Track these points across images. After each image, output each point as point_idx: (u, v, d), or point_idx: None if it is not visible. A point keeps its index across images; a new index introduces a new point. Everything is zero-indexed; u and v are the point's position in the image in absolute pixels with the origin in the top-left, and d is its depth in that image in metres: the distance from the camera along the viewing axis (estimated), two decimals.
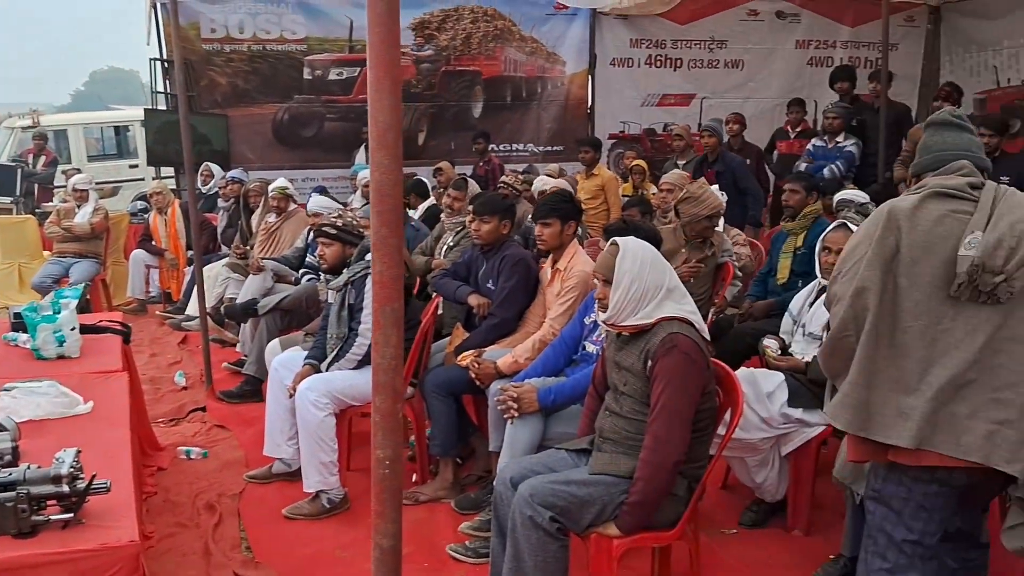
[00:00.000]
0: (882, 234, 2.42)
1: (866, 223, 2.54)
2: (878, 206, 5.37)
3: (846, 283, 2.48)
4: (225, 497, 4.36)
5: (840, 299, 2.49)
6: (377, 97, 1.46)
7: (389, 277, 1.48)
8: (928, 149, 2.61)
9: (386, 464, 1.55)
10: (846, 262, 2.52)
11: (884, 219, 2.44)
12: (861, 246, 2.48)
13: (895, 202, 2.50)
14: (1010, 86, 9.97)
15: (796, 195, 5.34)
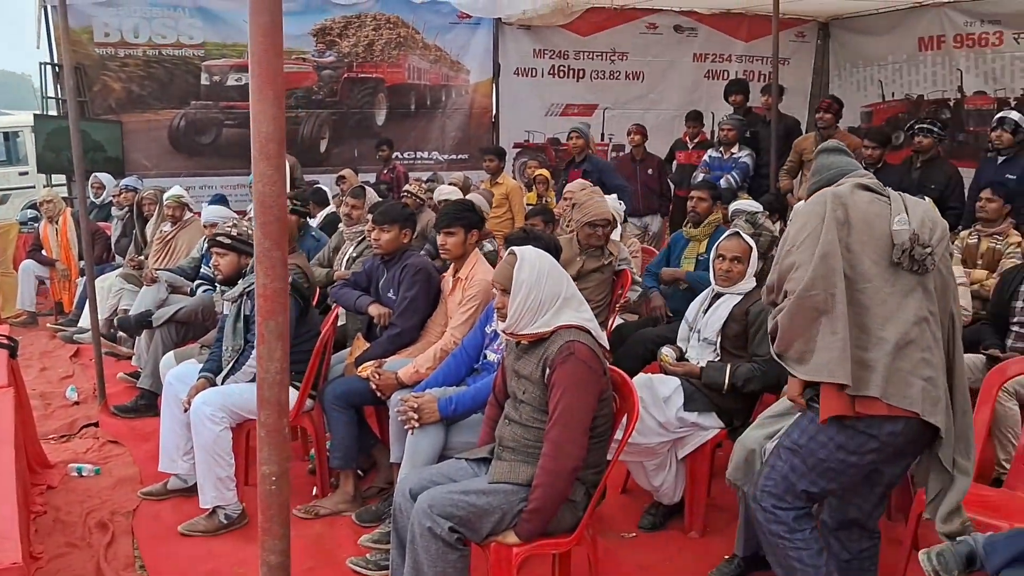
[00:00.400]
0: (832, 207, 2.70)
1: (809, 206, 2.79)
2: (771, 214, 5.54)
3: (804, 251, 2.70)
4: (118, 515, 4.23)
5: (801, 264, 2.69)
6: (260, 107, 1.45)
7: (273, 290, 1.46)
8: (827, 168, 2.92)
9: (272, 480, 1.53)
10: (799, 236, 2.73)
11: (830, 198, 2.73)
12: (811, 221, 2.72)
13: (831, 188, 2.79)
14: (894, 99, 10.44)
15: (704, 203, 5.51)
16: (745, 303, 3.99)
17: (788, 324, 2.73)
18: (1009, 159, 6.21)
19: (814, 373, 2.68)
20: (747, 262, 4.04)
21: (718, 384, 3.88)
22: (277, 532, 1.56)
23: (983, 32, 9.30)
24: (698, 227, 5.48)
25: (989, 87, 9.38)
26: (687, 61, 11.27)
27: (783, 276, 2.77)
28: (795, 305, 2.69)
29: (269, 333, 1.47)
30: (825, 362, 2.65)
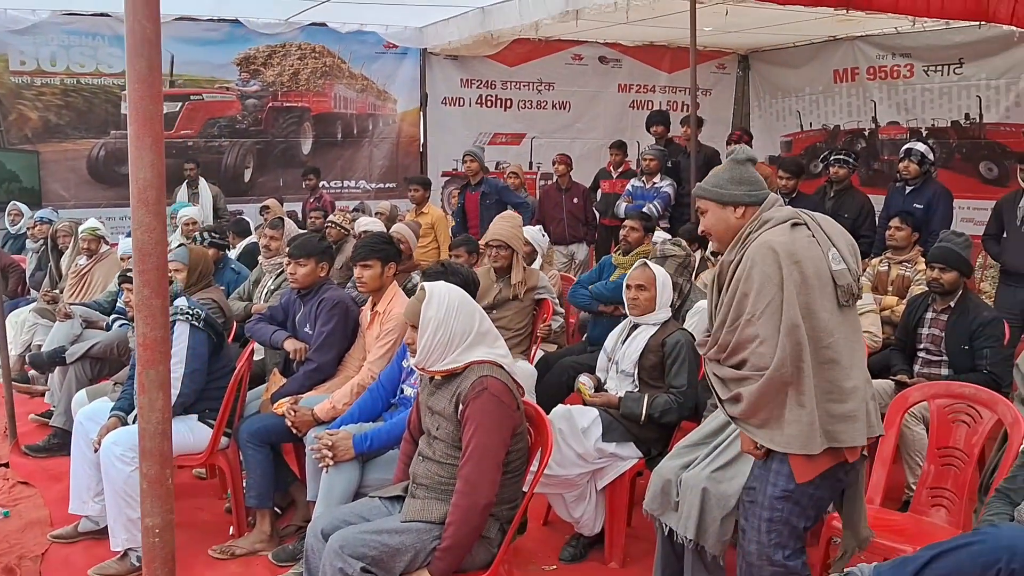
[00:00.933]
0: (788, 270, 2.65)
1: (762, 267, 2.68)
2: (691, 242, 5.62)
3: (767, 324, 2.66)
4: (26, 559, 4.08)
5: (766, 339, 2.66)
6: (138, 154, 1.43)
7: (153, 339, 1.44)
8: (756, 183, 2.87)
9: (156, 532, 1.50)
10: (758, 304, 2.67)
11: (783, 257, 2.66)
12: (768, 289, 2.66)
13: (772, 239, 2.71)
14: (812, 129, 10.76)
15: (636, 232, 5.60)
16: (661, 334, 4.05)
17: (755, 399, 2.72)
18: (916, 188, 6.43)
19: (784, 446, 2.70)
20: (652, 289, 4.09)
21: (635, 415, 3.93)
22: None
23: (895, 64, 9.66)
24: (627, 255, 5.55)
25: (902, 117, 9.73)
26: (612, 92, 11.46)
27: (740, 344, 2.74)
28: (765, 384, 2.67)
29: (150, 383, 1.45)
30: (796, 434, 2.66)
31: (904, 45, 9.48)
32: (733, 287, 2.77)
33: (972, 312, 4.54)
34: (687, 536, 3.38)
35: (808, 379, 2.64)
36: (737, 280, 2.75)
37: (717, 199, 2.87)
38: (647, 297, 4.10)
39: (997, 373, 4.37)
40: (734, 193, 2.85)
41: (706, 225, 2.94)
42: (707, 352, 2.91)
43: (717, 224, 2.90)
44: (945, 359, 4.59)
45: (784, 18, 8.42)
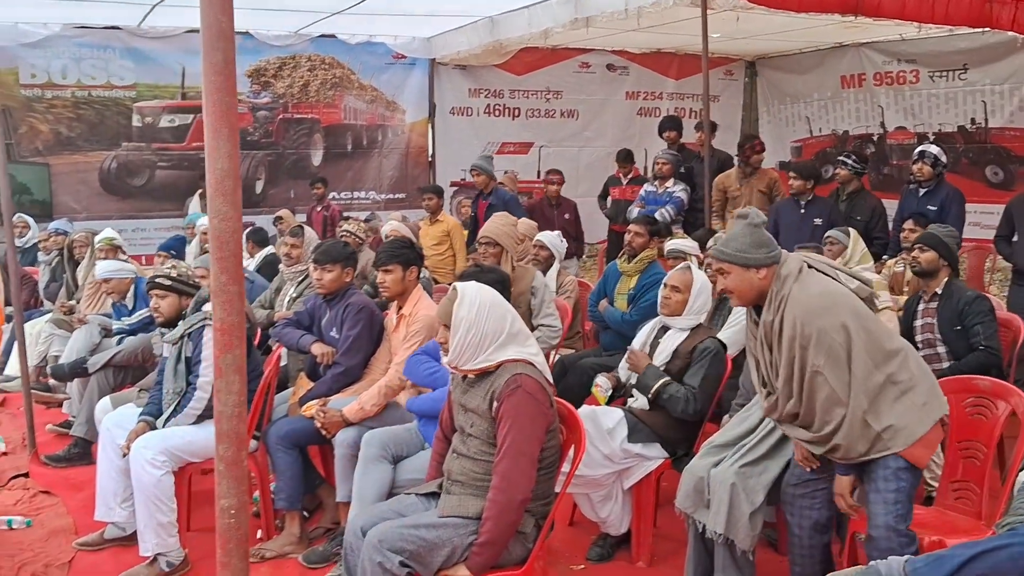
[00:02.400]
0: (831, 316, 2.97)
1: (810, 322, 2.96)
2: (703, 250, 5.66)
3: (831, 370, 2.95)
4: (53, 567, 4.09)
5: (836, 385, 2.96)
6: (215, 144, 1.46)
7: (230, 324, 1.47)
8: (764, 244, 3.10)
9: (231, 513, 1.53)
10: (818, 357, 2.95)
11: (823, 307, 2.99)
12: (822, 338, 2.94)
13: (805, 293, 3.01)
14: (822, 134, 10.82)
15: (640, 238, 5.59)
16: (692, 340, 4.07)
17: (848, 441, 2.99)
18: (930, 191, 6.47)
19: (902, 445, 2.98)
20: (687, 293, 4.11)
21: (647, 387, 3.97)
22: (236, 566, 1.55)
23: (901, 71, 9.73)
24: (631, 262, 5.56)
25: (909, 122, 9.79)
26: (620, 99, 11.52)
27: (811, 396, 2.99)
28: (848, 426, 2.96)
29: (226, 366, 1.47)
30: (902, 432, 2.98)
31: (909, 51, 9.56)
32: (788, 345, 3.00)
33: (956, 295, 4.61)
34: (716, 531, 3.40)
35: (883, 394, 2.95)
36: (791, 339, 2.98)
37: (742, 263, 3.08)
38: (679, 300, 4.12)
39: (994, 347, 4.44)
40: (756, 256, 3.07)
41: (729, 285, 3.14)
42: (776, 417, 3.13)
43: (741, 284, 3.11)
44: (944, 349, 4.61)
45: (791, 25, 8.49)
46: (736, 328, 4.59)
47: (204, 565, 4.05)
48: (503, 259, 5.25)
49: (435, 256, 7.76)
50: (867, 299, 3.11)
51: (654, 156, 8.42)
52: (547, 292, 5.35)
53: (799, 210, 6.79)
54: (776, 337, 3.04)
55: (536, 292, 5.24)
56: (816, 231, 6.39)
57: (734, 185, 7.72)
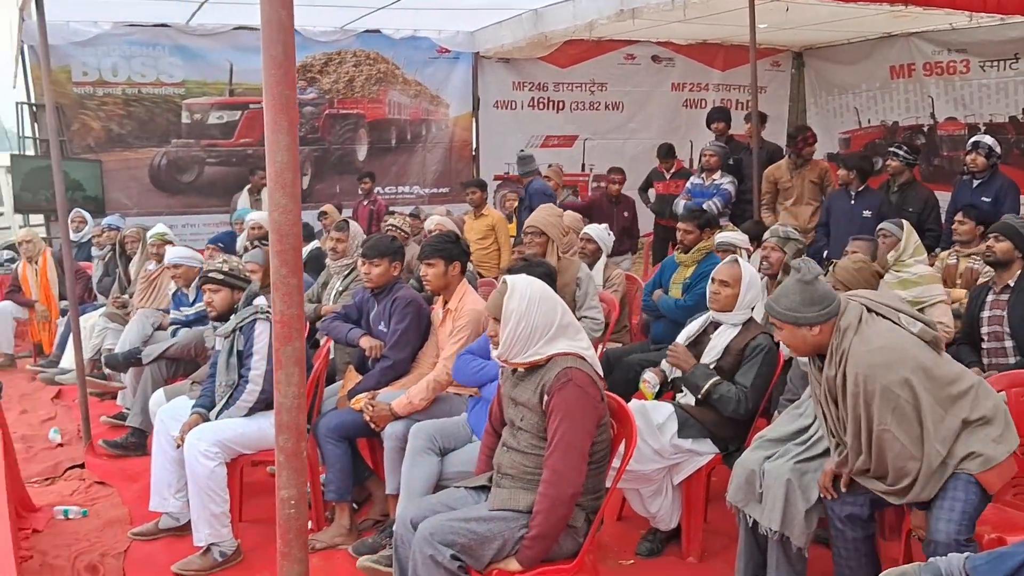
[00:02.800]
0: (895, 371, 2.93)
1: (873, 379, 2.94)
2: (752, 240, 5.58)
3: (899, 426, 2.92)
4: (108, 557, 4.15)
5: (906, 440, 2.93)
6: (274, 138, 1.46)
7: (289, 316, 1.47)
8: (817, 301, 3.08)
9: (291, 504, 1.54)
10: (884, 414, 2.92)
11: (885, 361, 2.94)
12: (886, 395, 2.92)
13: (865, 350, 2.97)
14: (870, 126, 10.64)
15: (690, 235, 5.54)
16: (744, 337, 4.00)
17: (928, 486, 2.95)
18: (983, 182, 6.33)
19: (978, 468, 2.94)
20: (737, 287, 4.06)
21: (696, 387, 3.93)
22: (296, 556, 1.56)
23: (951, 60, 9.53)
24: (687, 253, 5.53)
25: (959, 113, 9.58)
26: (665, 91, 11.43)
27: (881, 451, 2.95)
28: (924, 477, 2.92)
29: (286, 358, 1.48)
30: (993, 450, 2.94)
31: (960, 41, 9.35)
32: (852, 403, 2.97)
33: None
34: (771, 527, 3.36)
35: (958, 436, 2.92)
36: (854, 396, 2.96)
37: (793, 323, 3.08)
38: (728, 294, 4.06)
39: None
40: (807, 315, 3.06)
41: (783, 340, 3.17)
42: (848, 471, 3.11)
43: (795, 341, 3.12)
44: (1011, 344, 4.48)
45: (840, 15, 8.35)
46: None
47: (256, 555, 4.10)
48: (549, 249, 5.24)
49: (480, 250, 7.76)
50: (932, 342, 3.04)
51: (701, 148, 8.32)
52: (591, 284, 5.33)
53: (849, 201, 6.70)
54: (840, 392, 3.01)
55: (581, 284, 5.23)
56: (866, 223, 6.29)
57: (785, 176, 7.61)
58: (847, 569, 3.25)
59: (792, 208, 7.55)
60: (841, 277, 3.79)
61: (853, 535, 3.20)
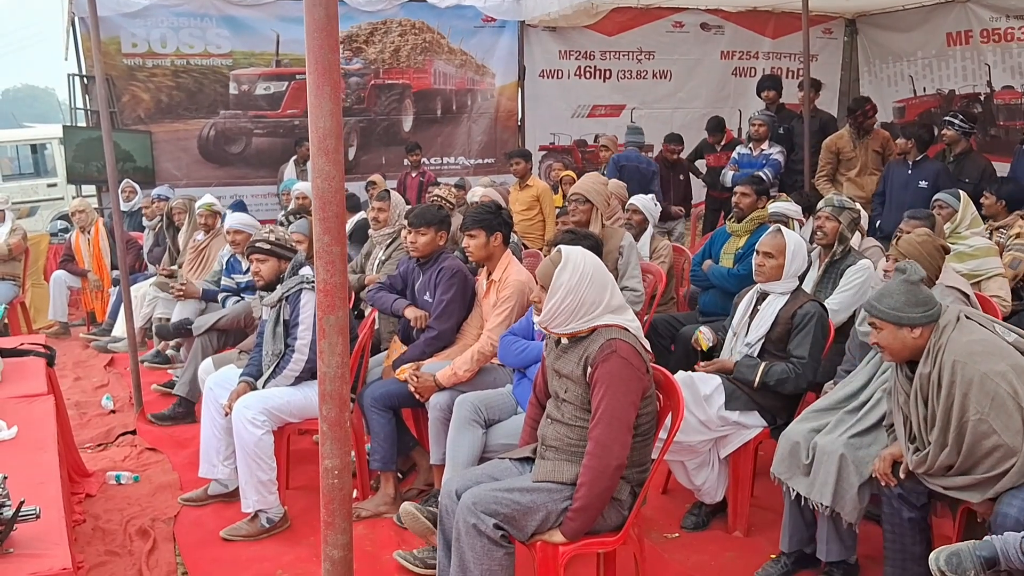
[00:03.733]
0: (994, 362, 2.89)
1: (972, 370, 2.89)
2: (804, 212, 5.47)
3: (997, 416, 2.83)
4: (159, 521, 4.23)
5: (1002, 429, 2.83)
6: (317, 103, 1.44)
7: (333, 285, 1.45)
8: (921, 303, 3.03)
9: (335, 474, 1.53)
10: (983, 402, 2.85)
11: (985, 353, 2.91)
12: (986, 383, 2.85)
13: (965, 346, 2.93)
14: (926, 94, 10.34)
15: (747, 198, 5.43)
16: (792, 305, 3.93)
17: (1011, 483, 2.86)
18: None
19: None
20: (781, 258, 3.98)
21: (748, 381, 3.85)
22: (339, 526, 1.56)
23: (1009, 27, 9.21)
24: (741, 222, 5.43)
25: (1016, 82, 9.29)
26: (714, 59, 11.21)
27: (975, 443, 2.86)
28: (1016, 473, 2.82)
29: (330, 327, 1.46)
30: None
31: (1018, 7, 9.01)
32: (946, 392, 2.91)
33: None
34: (823, 503, 3.31)
35: None
36: (950, 385, 2.90)
37: (895, 322, 3.03)
38: (773, 265, 3.99)
39: None
40: (911, 316, 3.01)
41: (881, 341, 3.08)
42: (925, 470, 3.02)
43: (893, 342, 3.05)
44: None
45: None
46: (849, 292, 4.43)
47: (302, 522, 4.14)
48: (593, 216, 5.20)
49: (524, 221, 7.72)
50: None
51: (748, 117, 8.16)
52: (634, 254, 5.27)
53: (907, 171, 6.54)
54: (935, 388, 2.96)
55: (623, 253, 5.17)
56: (921, 193, 6.14)
57: (848, 147, 7.44)
58: (899, 546, 3.19)
59: (856, 179, 7.39)
60: (905, 251, 3.67)
61: (909, 515, 3.14)
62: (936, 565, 2.53)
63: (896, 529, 3.19)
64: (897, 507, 3.17)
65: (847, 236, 4.57)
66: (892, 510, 3.19)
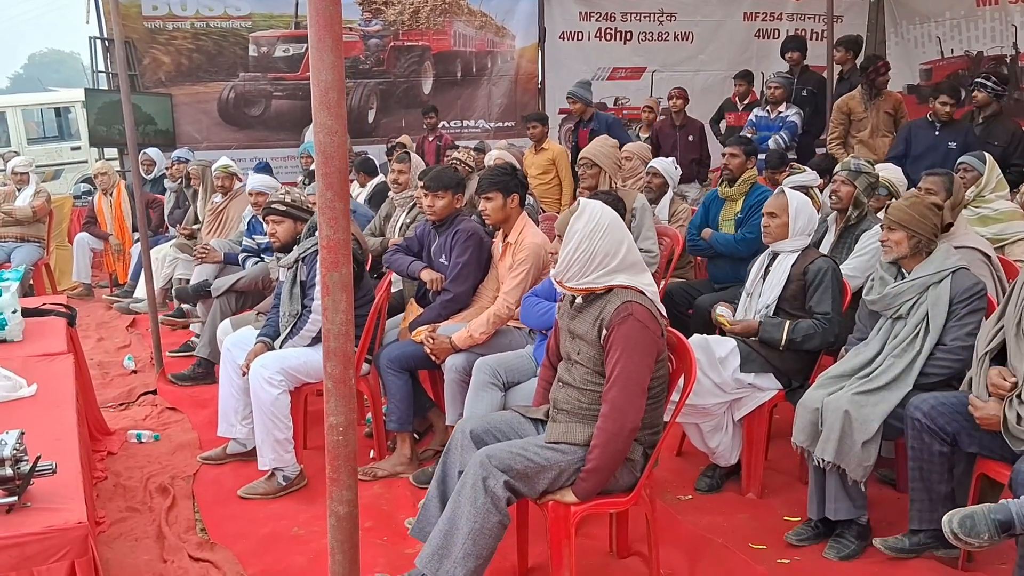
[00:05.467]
0: None
1: None
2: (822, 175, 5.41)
3: None
4: (178, 479, 4.29)
5: None
6: (318, 55, 1.42)
7: (336, 241, 1.45)
8: None
9: (339, 431, 1.53)
10: None
11: None
12: None
13: None
14: (953, 56, 10.14)
15: (736, 159, 5.30)
16: (802, 261, 3.90)
17: None
18: None
19: None
20: (784, 216, 3.92)
21: (775, 340, 3.82)
22: (345, 483, 1.57)
23: None
24: (733, 185, 5.35)
25: None
26: (737, 20, 11.03)
27: None
28: None
29: (333, 284, 1.46)
30: None
31: None
32: None
33: None
34: (824, 458, 3.32)
35: None
36: None
37: None
38: (779, 224, 3.94)
39: None
40: None
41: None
42: None
43: None
44: None
45: None
46: (864, 257, 4.38)
47: (318, 481, 4.19)
48: (602, 180, 5.17)
49: (541, 185, 7.68)
50: None
51: (766, 79, 8.04)
52: (647, 216, 5.22)
53: (933, 132, 6.41)
54: None
55: (636, 215, 5.13)
56: (950, 155, 6.03)
57: (859, 107, 7.31)
58: (927, 484, 3.21)
59: (868, 140, 7.25)
60: (897, 217, 3.53)
61: (940, 449, 3.15)
62: (950, 528, 2.52)
63: (925, 466, 3.19)
64: (928, 441, 3.16)
65: (863, 201, 4.51)
66: (922, 445, 3.18)
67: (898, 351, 3.44)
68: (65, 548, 2.24)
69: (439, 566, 2.78)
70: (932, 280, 3.46)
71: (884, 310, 3.59)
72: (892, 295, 3.53)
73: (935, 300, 3.42)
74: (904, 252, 3.52)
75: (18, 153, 10.57)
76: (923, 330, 3.42)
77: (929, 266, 3.49)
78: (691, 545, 3.50)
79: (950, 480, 3.20)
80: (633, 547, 3.46)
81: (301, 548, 3.62)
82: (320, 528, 3.76)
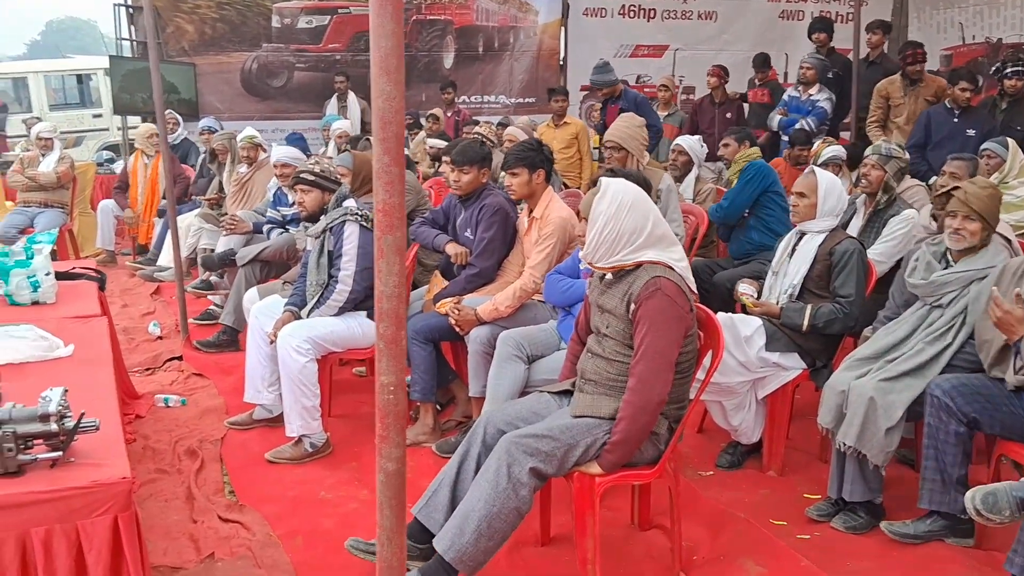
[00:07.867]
0: None
1: None
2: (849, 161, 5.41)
3: None
4: (206, 443, 4.36)
5: None
6: (379, 22, 1.45)
7: (391, 205, 1.48)
8: None
9: (390, 389, 1.58)
10: None
11: None
12: None
13: None
14: (975, 42, 10.07)
15: (728, 148, 5.59)
16: (829, 242, 3.91)
17: None
18: None
19: None
20: (813, 196, 3.93)
21: (796, 325, 3.84)
22: (394, 440, 1.61)
23: None
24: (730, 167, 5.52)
25: None
26: (762, 1, 10.97)
27: None
28: None
29: (387, 247, 1.49)
30: None
31: None
32: None
33: None
34: (845, 442, 3.34)
35: None
36: None
37: None
38: (807, 204, 3.94)
39: None
40: None
41: None
42: None
43: None
44: None
45: None
46: (891, 242, 4.39)
47: (344, 448, 4.26)
48: (628, 163, 5.17)
49: (563, 159, 7.68)
50: None
51: (799, 60, 8.00)
52: (673, 196, 5.24)
53: (952, 119, 6.37)
54: None
55: (661, 195, 5.14)
56: (969, 142, 6.01)
57: (897, 93, 7.24)
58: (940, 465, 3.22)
59: (905, 127, 7.21)
60: (978, 208, 3.41)
61: (957, 429, 3.17)
62: (972, 504, 2.55)
63: (940, 446, 3.21)
64: (945, 420, 3.18)
65: (892, 185, 4.51)
66: (939, 422, 3.21)
67: (931, 339, 3.44)
68: (109, 503, 2.29)
69: (450, 543, 2.81)
70: (978, 275, 3.43)
71: (926, 296, 3.57)
72: (937, 284, 3.50)
73: (976, 296, 3.40)
74: (976, 242, 3.46)
75: (41, 119, 10.61)
76: (959, 323, 3.41)
77: (979, 260, 3.47)
78: (712, 519, 3.54)
79: (964, 463, 3.21)
80: (655, 520, 3.51)
81: (329, 511, 3.68)
82: (344, 494, 3.83)
